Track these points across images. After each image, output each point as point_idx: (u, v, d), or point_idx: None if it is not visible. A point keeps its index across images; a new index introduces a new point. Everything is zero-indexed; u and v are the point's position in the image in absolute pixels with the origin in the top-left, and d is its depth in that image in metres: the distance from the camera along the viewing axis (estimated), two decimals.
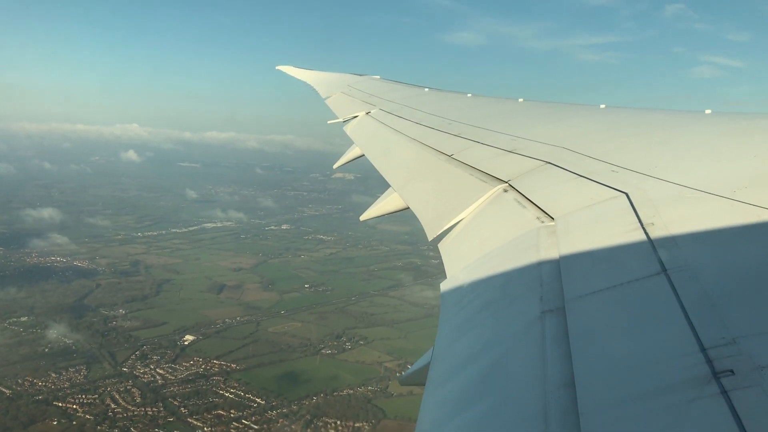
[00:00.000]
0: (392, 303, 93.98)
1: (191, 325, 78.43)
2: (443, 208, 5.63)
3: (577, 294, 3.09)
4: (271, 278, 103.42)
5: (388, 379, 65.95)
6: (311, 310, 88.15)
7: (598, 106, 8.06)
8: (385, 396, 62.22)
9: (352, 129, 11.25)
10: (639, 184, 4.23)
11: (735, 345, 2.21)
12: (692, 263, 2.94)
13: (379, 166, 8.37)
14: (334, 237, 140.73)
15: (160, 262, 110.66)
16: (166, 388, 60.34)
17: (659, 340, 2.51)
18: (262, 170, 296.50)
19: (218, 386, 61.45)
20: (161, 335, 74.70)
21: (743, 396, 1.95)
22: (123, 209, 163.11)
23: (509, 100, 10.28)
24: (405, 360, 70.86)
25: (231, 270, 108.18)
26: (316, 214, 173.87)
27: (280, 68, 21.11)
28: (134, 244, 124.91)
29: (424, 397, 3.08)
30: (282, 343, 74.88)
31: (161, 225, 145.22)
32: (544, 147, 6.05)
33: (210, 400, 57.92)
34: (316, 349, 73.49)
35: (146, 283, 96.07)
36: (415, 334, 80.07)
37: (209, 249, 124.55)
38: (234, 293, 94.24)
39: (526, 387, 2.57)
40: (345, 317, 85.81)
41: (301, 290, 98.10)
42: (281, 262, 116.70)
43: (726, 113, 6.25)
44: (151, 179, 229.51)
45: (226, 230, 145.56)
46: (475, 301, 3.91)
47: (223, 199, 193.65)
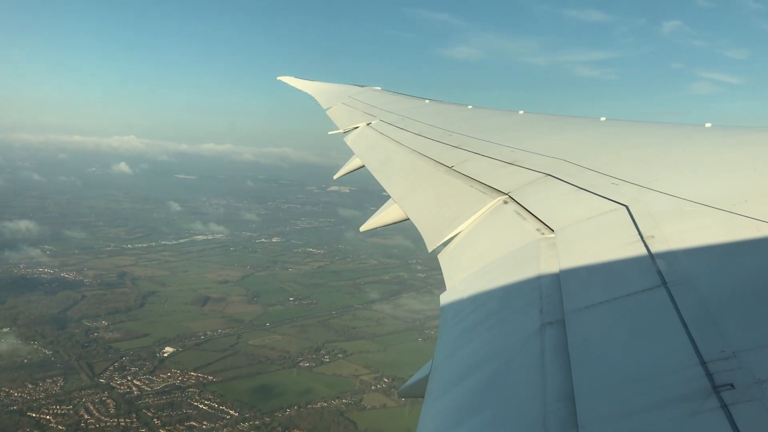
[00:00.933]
0: (375, 316, 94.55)
1: (172, 337, 79.01)
2: (443, 220, 5.63)
3: (576, 306, 3.09)
4: (256, 291, 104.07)
5: (363, 392, 66.63)
6: (294, 323, 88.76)
7: (598, 118, 8.13)
8: (358, 409, 62.78)
9: (352, 140, 11.28)
10: (639, 197, 4.24)
11: (735, 359, 2.19)
12: (692, 276, 2.94)
13: (379, 177, 8.37)
14: (323, 250, 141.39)
15: (147, 274, 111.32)
16: (141, 399, 60.91)
17: (659, 354, 2.50)
18: (257, 183, 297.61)
19: (193, 398, 62.02)
20: (141, 347, 75.25)
21: (743, 410, 1.93)
22: (115, 221, 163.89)
23: (510, 112, 10.41)
24: (381, 373, 71.55)
25: (217, 282, 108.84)
26: (308, 227, 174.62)
27: (281, 79, 21.21)
28: (123, 256, 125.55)
29: (423, 408, 3.10)
30: (261, 355, 75.46)
31: (151, 237, 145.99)
32: (544, 159, 6.06)
33: (183, 412, 58.53)
34: (295, 362, 74.05)
35: (131, 295, 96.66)
36: (395, 347, 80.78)
37: (197, 261, 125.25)
38: (218, 306, 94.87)
39: (525, 399, 2.58)
40: (326, 330, 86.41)
41: (286, 303, 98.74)
42: (268, 274, 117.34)
43: (726, 126, 6.26)
44: (145, 191, 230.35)
45: (216, 243, 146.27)
46: (474, 312, 3.93)
47: (216, 212, 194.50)
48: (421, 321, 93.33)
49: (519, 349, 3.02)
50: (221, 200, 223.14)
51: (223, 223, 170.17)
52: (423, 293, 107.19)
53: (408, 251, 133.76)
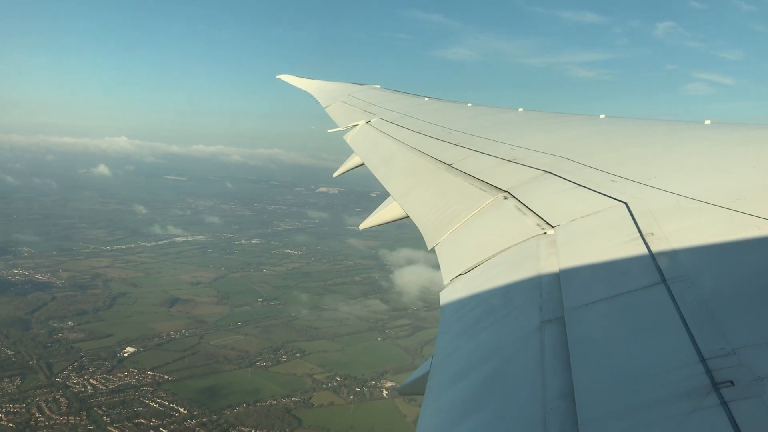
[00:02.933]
0: (340, 317, 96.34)
1: (135, 338, 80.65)
2: (443, 217, 5.61)
3: (576, 304, 3.09)
4: (226, 292, 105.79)
5: (314, 391, 68.39)
6: (258, 324, 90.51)
7: (597, 116, 8.14)
8: (306, 407, 64.57)
9: (352, 138, 11.26)
10: (639, 194, 4.25)
11: (735, 356, 2.20)
12: (692, 273, 2.95)
13: (378, 174, 8.37)
14: (301, 252, 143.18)
15: (121, 275, 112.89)
16: (94, 398, 62.57)
17: (659, 351, 2.49)
18: (247, 184, 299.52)
19: (146, 396, 63.75)
20: (103, 347, 76.92)
21: (743, 407, 1.93)
22: (98, 223, 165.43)
23: (509, 110, 10.39)
24: (335, 372, 73.35)
25: (189, 284, 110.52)
26: (291, 228, 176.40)
27: (280, 77, 21.23)
28: (100, 257, 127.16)
29: (423, 405, 3.13)
30: (220, 355, 77.20)
31: (132, 239, 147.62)
32: (544, 157, 6.07)
33: (134, 410, 60.23)
34: (252, 361, 75.77)
35: (101, 296, 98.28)
36: (354, 347, 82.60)
37: (174, 263, 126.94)
38: (185, 307, 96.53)
39: (525, 397, 2.57)
40: (289, 331, 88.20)
41: (254, 304, 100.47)
42: (242, 276, 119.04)
43: (725, 123, 6.33)
44: (133, 192, 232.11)
45: (196, 244, 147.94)
46: (474, 310, 3.93)
47: (202, 213, 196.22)
48: (384, 321, 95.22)
49: (519, 347, 3.03)
50: (208, 202, 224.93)
51: (205, 225, 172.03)
52: (391, 293, 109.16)
53: (384, 252, 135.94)
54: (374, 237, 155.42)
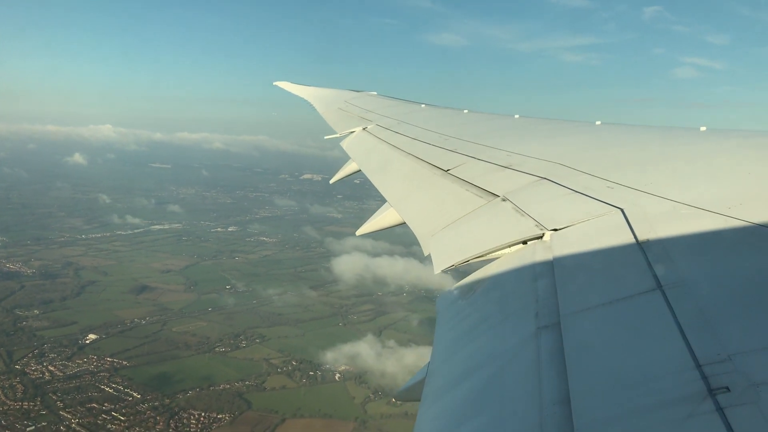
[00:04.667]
0: (305, 303, 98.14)
1: (99, 325, 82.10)
2: (439, 223, 5.62)
3: (572, 310, 3.11)
4: (196, 280, 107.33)
5: (268, 375, 70.35)
6: (222, 310, 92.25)
7: (593, 122, 8.22)
8: (258, 390, 66.53)
9: (348, 144, 11.33)
10: (634, 200, 4.30)
11: (730, 362, 2.21)
12: (687, 279, 2.97)
13: (375, 181, 8.41)
14: (277, 239, 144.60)
15: (93, 264, 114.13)
16: (51, 384, 64.28)
17: (654, 357, 2.51)
18: (232, 171, 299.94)
19: (102, 382, 65.53)
20: (66, 335, 78.45)
21: (739, 413, 1.95)
22: (76, 212, 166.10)
23: (505, 116, 10.58)
24: (292, 357, 75.28)
25: (160, 272, 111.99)
26: (270, 216, 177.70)
27: (277, 84, 21.33)
28: (74, 246, 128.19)
29: (419, 412, 3.14)
30: (181, 341, 78.89)
31: (108, 228, 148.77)
32: (539, 163, 6.10)
33: (88, 395, 62.03)
34: (211, 347, 77.60)
35: (70, 285, 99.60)
36: (314, 332, 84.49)
37: (147, 251, 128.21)
38: (153, 294, 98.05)
39: (521, 403, 2.59)
40: (252, 317, 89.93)
41: (221, 291, 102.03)
42: (214, 263, 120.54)
43: (721, 130, 6.38)
44: (115, 181, 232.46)
45: (172, 232, 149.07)
46: (470, 316, 3.96)
47: (182, 201, 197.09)
48: (347, 307, 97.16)
49: (515, 353, 3.04)
50: (190, 189, 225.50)
51: (183, 213, 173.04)
52: (358, 278, 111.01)
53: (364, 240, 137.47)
54: (353, 225, 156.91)
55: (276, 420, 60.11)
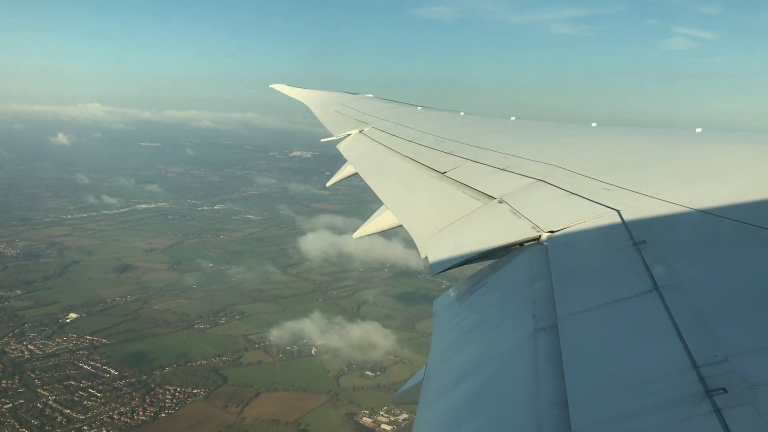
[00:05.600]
0: (286, 280, 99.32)
1: (80, 304, 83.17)
2: (436, 226, 5.64)
3: (569, 312, 3.13)
4: (179, 258, 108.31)
5: (245, 350, 71.68)
6: (204, 288, 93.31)
7: (589, 124, 8.33)
8: (234, 365, 67.89)
9: (345, 147, 11.32)
10: (631, 202, 4.32)
11: (727, 363, 2.22)
12: (684, 280, 3.00)
13: (372, 183, 8.42)
14: (262, 217, 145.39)
15: (77, 244, 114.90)
16: (30, 362, 65.46)
17: (652, 358, 2.52)
18: (221, 149, 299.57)
19: (80, 360, 66.73)
20: (47, 314, 79.43)
21: (736, 414, 1.95)
22: (62, 192, 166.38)
23: (501, 118, 10.62)
24: (270, 332, 76.57)
25: (143, 251, 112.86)
26: (257, 194, 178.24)
27: (273, 87, 21.41)
28: (60, 226, 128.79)
29: (417, 415, 3.18)
30: (160, 319, 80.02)
31: (94, 207, 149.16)
32: (536, 165, 6.13)
33: (66, 373, 63.24)
34: (190, 324, 78.81)
35: (53, 265, 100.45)
36: (293, 308, 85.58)
37: (132, 230, 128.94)
38: (135, 273, 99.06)
39: (519, 405, 2.61)
40: (233, 294, 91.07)
41: (204, 269, 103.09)
42: (198, 242, 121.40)
43: (716, 131, 6.46)
44: (103, 161, 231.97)
45: (158, 211, 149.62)
46: (468, 318, 3.98)
47: (169, 180, 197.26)
48: (328, 282, 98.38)
49: (512, 355, 3.05)
50: (179, 168, 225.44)
51: (171, 192, 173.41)
52: (341, 255, 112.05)
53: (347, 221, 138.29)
54: (338, 201, 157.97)
55: (251, 394, 61.52)
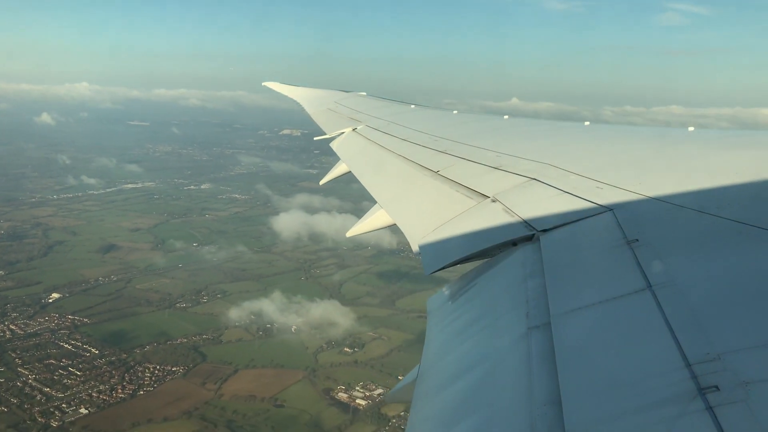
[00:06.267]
0: (270, 259, 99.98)
1: (63, 284, 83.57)
2: (429, 225, 5.65)
3: (562, 310, 3.16)
4: (164, 238, 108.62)
5: (225, 329, 72.53)
6: (187, 267, 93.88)
7: (582, 123, 8.40)
8: (214, 343, 68.74)
9: (338, 145, 11.36)
10: (624, 200, 4.36)
11: (720, 361, 2.24)
12: (677, 279, 3.03)
13: (365, 182, 8.45)
14: (249, 196, 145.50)
15: (62, 224, 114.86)
16: (11, 342, 66.07)
17: (645, 357, 2.55)
18: (210, 128, 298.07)
19: (61, 339, 67.42)
20: (30, 294, 79.82)
21: (728, 412, 1.97)
22: (49, 171, 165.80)
23: (495, 117, 10.70)
24: (250, 311, 77.37)
25: (128, 231, 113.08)
26: (243, 173, 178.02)
27: (266, 84, 21.47)
28: (45, 206, 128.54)
29: (410, 413, 3.21)
30: (143, 298, 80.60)
31: (80, 187, 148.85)
32: (529, 164, 6.16)
33: (47, 352, 63.94)
34: (172, 303, 79.50)
35: (38, 245, 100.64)
36: (276, 286, 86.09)
37: (118, 210, 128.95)
38: (120, 253, 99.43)
39: (512, 404, 2.62)
40: (216, 273, 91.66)
41: (188, 249, 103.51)
42: (183, 221, 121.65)
43: (709, 130, 6.54)
44: (92, 139, 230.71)
45: (144, 191, 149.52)
46: (461, 317, 4.00)
47: (157, 159, 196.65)
48: (311, 261, 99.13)
49: (506, 354, 3.06)
50: (167, 147, 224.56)
51: (158, 171, 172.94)
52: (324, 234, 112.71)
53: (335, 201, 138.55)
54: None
55: (229, 371, 62.47)
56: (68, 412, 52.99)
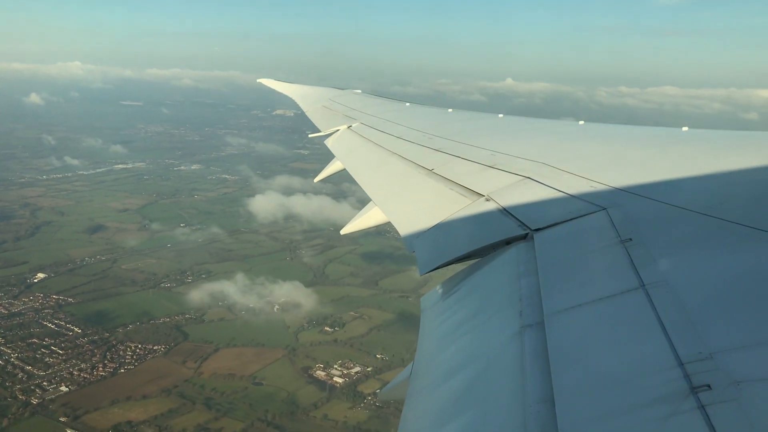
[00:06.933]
0: (257, 239, 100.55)
1: (49, 264, 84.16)
2: (424, 223, 5.67)
3: (556, 309, 3.18)
4: (152, 218, 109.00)
5: (208, 308, 73.30)
6: (174, 248, 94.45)
7: (576, 122, 8.46)
8: (197, 323, 69.51)
9: (333, 142, 11.39)
10: (617, 200, 4.37)
11: (712, 360, 2.26)
12: (670, 279, 3.04)
13: (359, 179, 8.46)
14: (238, 177, 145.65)
15: (51, 204, 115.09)
16: None
17: (637, 355, 2.56)
18: (203, 108, 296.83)
19: (45, 318, 68.15)
20: (16, 274, 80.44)
21: (720, 411, 1.99)
22: (40, 152, 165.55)
23: (489, 115, 10.73)
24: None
25: (117, 211, 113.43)
26: (235, 153, 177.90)
27: (261, 81, 21.49)
28: (34, 187, 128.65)
29: (404, 411, 3.23)
30: (128, 278, 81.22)
31: (70, 167, 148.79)
32: (523, 162, 6.17)
33: (30, 331, 64.69)
34: (157, 283, 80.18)
35: (25, 225, 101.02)
36: (260, 267, 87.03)
37: (107, 190, 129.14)
38: (107, 234, 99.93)
39: (505, 402, 2.65)
40: (202, 254, 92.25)
41: (175, 229, 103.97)
42: (172, 202, 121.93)
43: (703, 130, 6.51)
44: (84, 119, 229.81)
45: (134, 171, 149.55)
46: (455, 315, 4.02)
47: (149, 139, 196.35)
48: (298, 242, 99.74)
49: (499, 352, 3.09)
50: (158, 127, 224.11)
51: (149, 152, 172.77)
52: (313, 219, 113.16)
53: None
54: (319, 161, 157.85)
55: (209, 350, 63.35)
56: (49, 390, 53.81)
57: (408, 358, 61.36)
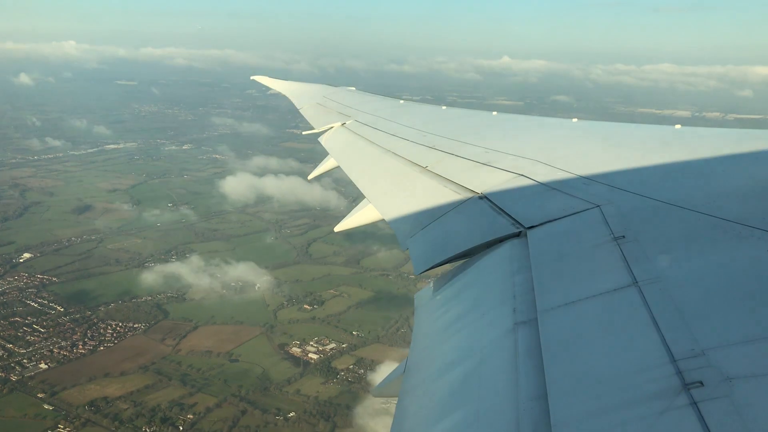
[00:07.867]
0: (244, 219, 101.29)
1: (35, 244, 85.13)
2: (418, 221, 5.70)
3: (549, 306, 3.21)
4: (140, 198, 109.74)
5: (189, 287, 74.32)
6: (160, 228, 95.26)
7: (570, 120, 8.55)
8: (178, 301, 70.56)
9: (327, 140, 11.39)
10: (611, 197, 4.39)
11: (704, 357, 2.29)
12: (663, 276, 3.09)
13: (353, 177, 8.49)
14: (229, 156, 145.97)
15: (41, 184, 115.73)
16: None
17: (630, 352, 2.59)
18: (198, 87, 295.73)
19: (28, 298, 69.24)
20: (2, 254, 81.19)
21: (712, 407, 2.02)
22: (31, 132, 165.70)
23: (483, 113, 10.83)
24: (217, 270, 79.06)
25: (106, 191, 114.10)
26: (227, 133, 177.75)
27: (255, 78, 21.62)
28: (25, 167, 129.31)
29: (397, 408, 3.27)
30: (113, 258, 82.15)
31: (61, 148, 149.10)
32: (517, 160, 6.22)
33: (12, 310, 65.82)
34: (141, 262, 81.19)
35: (13, 206, 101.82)
36: (245, 246, 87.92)
37: (97, 171, 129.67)
38: (94, 214, 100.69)
39: (498, 399, 2.68)
40: (187, 233, 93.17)
41: (164, 209, 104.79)
42: (161, 182, 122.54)
43: (694, 128, 6.57)
44: (77, 99, 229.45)
45: (125, 151, 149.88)
46: (448, 312, 4.08)
47: (142, 119, 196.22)
48: (283, 221, 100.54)
49: (492, 349, 3.13)
50: (152, 107, 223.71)
51: (141, 131, 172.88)
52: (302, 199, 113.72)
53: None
54: (311, 141, 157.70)
55: (189, 327, 64.50)
56: (28, 367, 55.06)
57: (383, 336, 63.06)
